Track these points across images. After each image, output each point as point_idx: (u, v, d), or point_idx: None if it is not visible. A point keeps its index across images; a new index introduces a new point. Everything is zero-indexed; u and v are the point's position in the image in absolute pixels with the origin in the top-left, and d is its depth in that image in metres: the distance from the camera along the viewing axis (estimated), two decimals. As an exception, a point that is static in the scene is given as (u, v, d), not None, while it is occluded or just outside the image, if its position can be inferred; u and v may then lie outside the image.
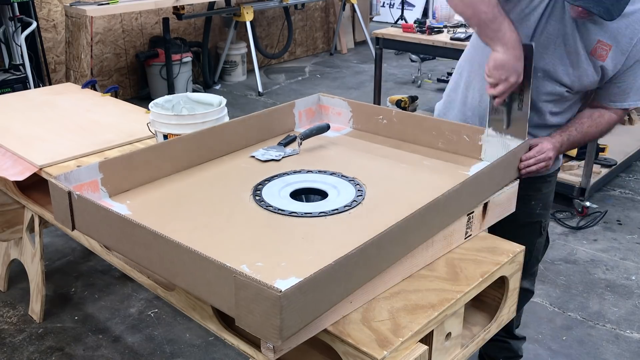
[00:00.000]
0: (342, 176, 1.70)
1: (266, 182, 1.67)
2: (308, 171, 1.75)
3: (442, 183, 1.61)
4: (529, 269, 2.04)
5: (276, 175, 1.71)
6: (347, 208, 1.52)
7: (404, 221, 1.25)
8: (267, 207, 1.53)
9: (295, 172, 1.74)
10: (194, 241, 1.37)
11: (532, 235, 1.97)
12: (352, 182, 1.66)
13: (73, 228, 1.44)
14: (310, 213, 1.50)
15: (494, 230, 1.66)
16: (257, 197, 1.58)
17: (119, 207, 1.55)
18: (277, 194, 1.60)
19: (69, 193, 1.40)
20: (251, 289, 1.03)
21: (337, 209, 1.51)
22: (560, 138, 1.74)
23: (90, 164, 1.55)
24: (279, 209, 1.52)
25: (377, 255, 1.21)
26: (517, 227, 1.85)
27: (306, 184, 1.67)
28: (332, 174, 1.72)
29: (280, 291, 0.99)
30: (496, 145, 1.72)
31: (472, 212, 1.53)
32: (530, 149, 1.68)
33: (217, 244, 1.38)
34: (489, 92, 1.63)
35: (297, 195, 1.63)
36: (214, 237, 1.40)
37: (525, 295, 2.11)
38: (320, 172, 1.74)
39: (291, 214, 1.50)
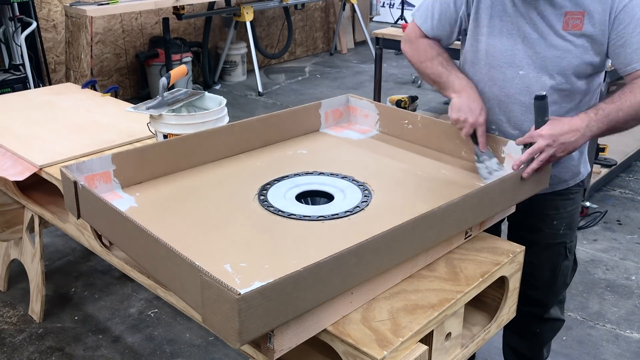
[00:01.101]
0: (353, 180, 1.68)
1: (275, 182, 1.67)
2: (320, 173, 1.73)
3: (453, 194, 1.51)
4: (557, 294, 1.94)
5: (286, 176, 1.70)
6: (347, 214, 1.50)
7: (389, 232, 1.21)
8: (268, 207, 1.53)
9: (307, 173, 1.73)
10: (187, 237, 1.38)
11: (557, 258, 1.85)
12: (361, 187, 1.64)
13: (78, 216, 1.48)
14: (309, 216, 1.49)
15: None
16: (262, 197, 1.58)
17: (128, 198, 1.57)
18: (283, 195, 1.60)
19: (75, 183, 1.43)
20: (214, 290, 1.03)
21: (337, 214, 1.50)
22: (585, 116, 1.50)
23: (103, 155, 1.58)
24: (279, 211, 1.51)
25: (356, 264, 1.17)
26: (541, 250, 1.81)
27: (314, 187, 1.66)
28: (344, 177, 1.71)
29: (239, 294, 0.99)
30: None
31: (472, 212, 1.52)
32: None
33: (208, 241, 1.39)
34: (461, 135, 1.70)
35: (304, 197, 1.63)
36: (207, 235, 1.41)
37: (554, 325, 2.02)
38: (332, 174, 1.72)
39: (290, 216, 1.49)
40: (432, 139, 1.89)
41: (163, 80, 2.05)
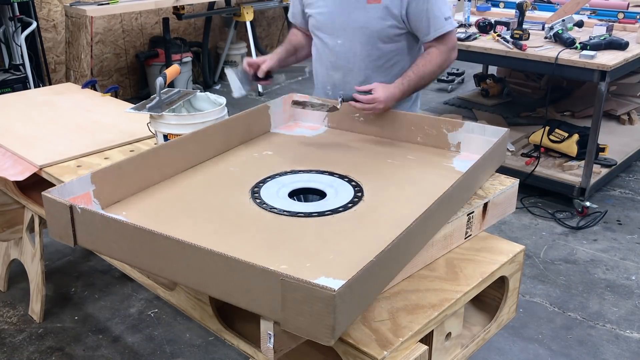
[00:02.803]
0: (335, 175, 1.70)
1: (261, 184, 1.65)
2: (299, 171, 1.73)
3: (432, 176, 1.67)
4: None
5: (269, 177, 1.69)
6: (350, 205, 1.52)
7: (425, 214, 1.26)
8: (271, 209, 1.51)
9: (286, 172, 1.73)
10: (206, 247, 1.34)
11: None
12: (346, 180, 1.66)
13: (75, 243, 1.36)
14: (316, 212, 1.49)
15: None
16: (258, 200, 1.57)
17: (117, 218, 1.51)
18: (276, 195, 1.59)
19: (71, 207, 1.32)
20: (301, 291, 1.03)
21: (341, 207, 1.51)
22: (401, 86, 1.94)
23: (82, 176, 1.49)
24: (284, 210, 1.50)
25: (405, 247, 1.23)
26: None
27: (302, 184, 1.66)
28: (324, 172, 1.71)
29: (334, 290, 1.00)
30: (476, 140, 1.82)
31: (472, 212, 1.53)
32: (370, 91, 1.89)
33: (230, 249, 1.30)
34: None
35: (294, 195, 1.62)
36: (227, 243, 1.36)
37: None
38: (311, 171, 1.73)
39: (297, 214, 1.48)
40: (386, 130, 1.96)
41: (160, 80, 2.05)
